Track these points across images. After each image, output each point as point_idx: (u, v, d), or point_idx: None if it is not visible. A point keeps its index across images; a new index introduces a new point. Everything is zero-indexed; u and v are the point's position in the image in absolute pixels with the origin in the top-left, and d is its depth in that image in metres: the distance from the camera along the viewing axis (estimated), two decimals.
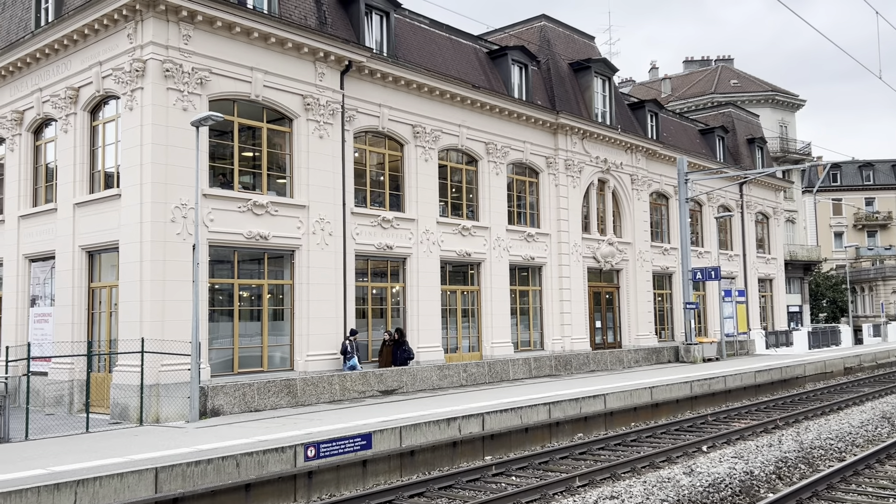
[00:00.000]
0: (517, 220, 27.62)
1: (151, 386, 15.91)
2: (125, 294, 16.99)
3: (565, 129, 28.87)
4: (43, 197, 20.59)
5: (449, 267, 24.93)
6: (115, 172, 18.11)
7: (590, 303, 30.13)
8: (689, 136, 39.36)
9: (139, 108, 17.13)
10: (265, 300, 19.49)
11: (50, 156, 20.45)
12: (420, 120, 23.62)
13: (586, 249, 29.92)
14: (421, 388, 20.13)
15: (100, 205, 18.21)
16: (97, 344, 18.22)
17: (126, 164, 17.37)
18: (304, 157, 20.05)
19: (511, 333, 26.55)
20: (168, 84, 17.17)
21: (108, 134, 18.57)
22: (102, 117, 18.80)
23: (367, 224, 21.94)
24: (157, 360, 16.04)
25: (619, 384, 20.72)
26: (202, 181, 17.27)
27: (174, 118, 17.21)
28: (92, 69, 18.43)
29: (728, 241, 40.53)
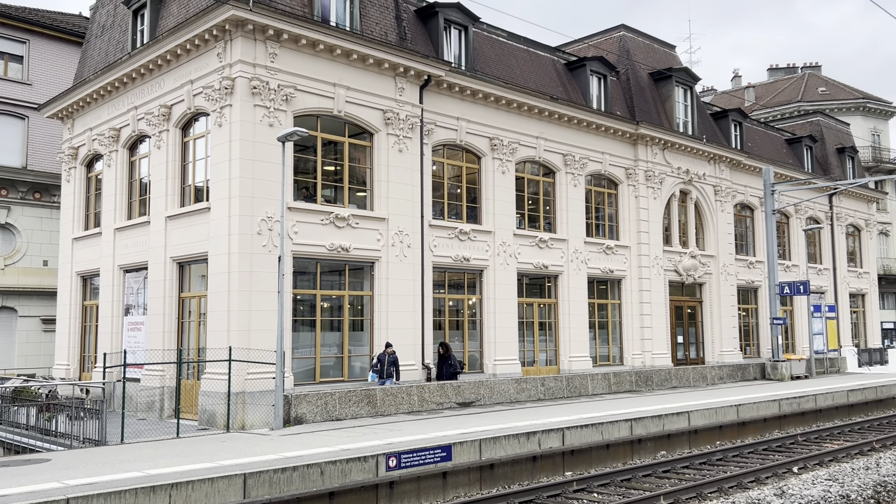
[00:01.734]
0: (595, 233, 27.39)
1: (237, 394, 16.24)
2: (213, 304, 17.46)
3: (645, 140, 28.52)
4: (137, 210, 21.39)
5: (525, 279, 24.87)
6: (205, 186, 18.70)
7: (671, 317, 29.60)
8: (775, 146, 38.25)
9: (228, 124, 17.63)
10: (346, 311, 19.73)
11: (144, 171, 21.22)
12: (497, 132, 23.68)
13: (667, 262, 29.47)
14: (498, 401, 20.05)
15: (190, 217, 18.79)
16: (187, 352, 18.74)
17: (215, 179, 17.89)
18: (384, 171, 20.30)
19: (589, 347, 26.33)
20: (255, 101, 17.63)
21: (199, 149, 19.19)
22: (193, 133, 19.44)
23: (445, 236, 22.07)
24: (243, 368, 16.37)
25: (703, 401, 20.22)
26: (287, 195, 17.60)
27: (261, 134, 17.64)
28: (183, 87, 19.10)
29: (817, 254, 39.19)
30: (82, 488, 9.30)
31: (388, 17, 21.03)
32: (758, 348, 34.50)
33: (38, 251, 27.61)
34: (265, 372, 16.60)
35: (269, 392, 16.28)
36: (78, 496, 8.85)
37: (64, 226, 24.45)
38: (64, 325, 23.73)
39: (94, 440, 14.28)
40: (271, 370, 16.32)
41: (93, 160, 23.79)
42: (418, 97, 21.19)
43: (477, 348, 23.23)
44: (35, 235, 27.58)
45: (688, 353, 30.62)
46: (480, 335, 23.13)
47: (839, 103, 53.31)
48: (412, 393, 18.27)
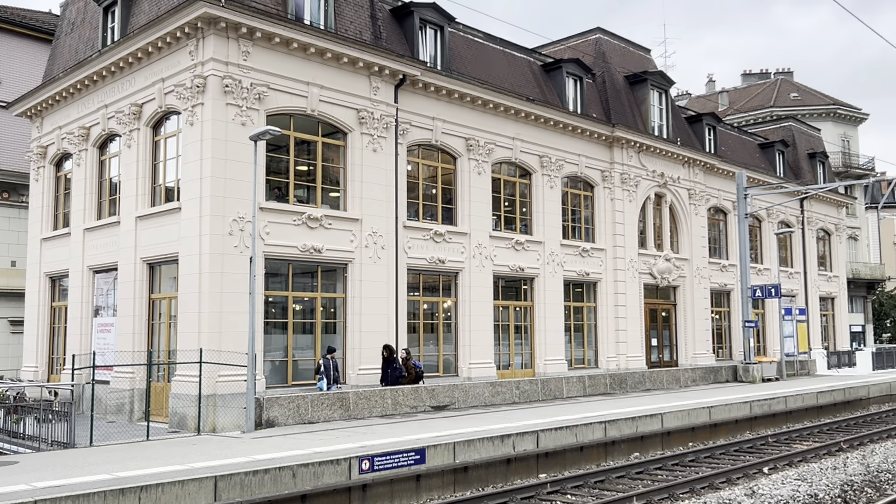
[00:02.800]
0: (572, 235, 27.52)
1: (208, 396, 16.18)
2: (184, 305, 17.34)
3: (621, 143, 28.72)
4: (107, 210, 21.16)
5: (501, 282, 24.92)
6: (176, 186, 18.56)
7: (646, 320, 29.84)
8: (748, 151, 38.70)
9: (199, 123, 17.53)
10: (318, 313, 19.71)
11: (114, 170, 21.01)
12: (473, 133, 23.72)
13: (642, 265, 29.65)
14: (473, 405, 20.07)
15: (161, 218, 18.65)
16: (157, 354, 18.61)
17: (186, 178, 17.79)
18: (358, 171, 20.26)
19: (565, 350, 26.43)
20: (227, 99, 17.53)
21: (170, 148, 19.04)
22: (164, 132, 19.29)
23: (420, 238, 22.06)
24: (214, 370, 16.28)
25: (677, 403, 20.39)
26: (259, 195, 17.58)
27: (233, 133, 17.54)
28: (155, 86, 18.92)
29: (788, 257, 39.65)
30: (50, 490, 9.20)
31: (362, 15, 21.00)
32: (730, 351, 34.85)
33: (6, 251, 27.19)
34: (237, 374, 16.51)
35: (240, 395, 16.19)
36: (46, 498, 8.76)
37: (32, 226, 24.11)
38: (32, 326, 23.39)
39: (62, 443, 14.10)
40: (243, 373, 16.22)
41: (62, 159, 23.49)
42: (393, 97, 21.18)
43: (452, 351, 23.23)
44: (3, 235, 27.17)
45: (662, 356, 30.80)
46: (455, 338, 23.16)
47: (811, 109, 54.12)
48: (386, 396, 18.22)
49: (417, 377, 19.87)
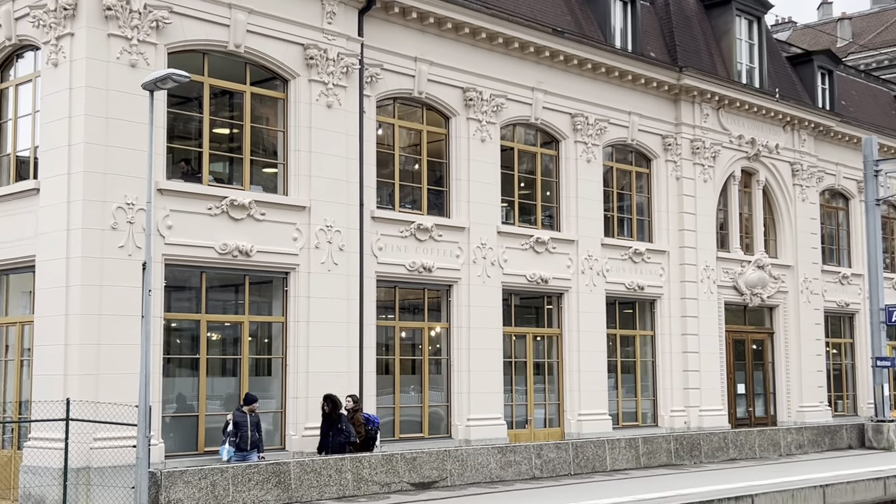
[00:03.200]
0: (618, 231, 27.47)
1: (80, 469, 15.94)
2: (43, 334, 17.25)
3: (692, 95, 28.62)
4: None
5: (515, 299, 24.90)
6: (31, 157, 18.47)
7: (729, 356, 29.62)
8: (881, 106, 38.86)
9: (68, 63, 17.33)
10: (245, 345, 19.56)
11: None
12: (475, 81, 23.63)
13: (723, 275, 29.56)
14: (473, 481, 19.94)
15: (8, 204, 18.54)
16: (1, 407, 18.47)
17: (47, 145, 17.66)
18: (305, 136, 20.25)
19: (608, 401, 26.36)
20: (110, 28, 17.41)
21: (22, 101, 18.95)
22: (14, 76, 19.21)
23: (396, 234, 22.11)
24: (88, 432, 16.09)
25: (775, 480, 20.38)
26: (157, 170, 17.41)
27: (118, 78, 17.38)
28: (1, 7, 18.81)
29: None
30: None
31: None
32: (854, 402, 34.99)
33: None
34: (122, 437, 16.40)
35: (127, 467, 15.95)
36: None
37: None
38: None
39: None
40: (131, 434, 15.90)
41: None
42: (357, 26, 21.18)
43: (442, 401, 23.19)
44: None
45: (752, 410, 30.72)
46: (447, 382, 23.12)
47: None
48: (344, 469, 18.08)
49: (370, 439, 19.88)
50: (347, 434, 19.12)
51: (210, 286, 19.35)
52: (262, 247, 19.46)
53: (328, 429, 19.21)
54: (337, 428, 19.05)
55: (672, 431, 26.85)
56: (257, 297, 20.34)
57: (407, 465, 19.08)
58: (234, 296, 20.20)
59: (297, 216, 20.09)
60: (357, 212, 21.06)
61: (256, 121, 20.19)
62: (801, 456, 26.98)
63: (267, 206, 19.61)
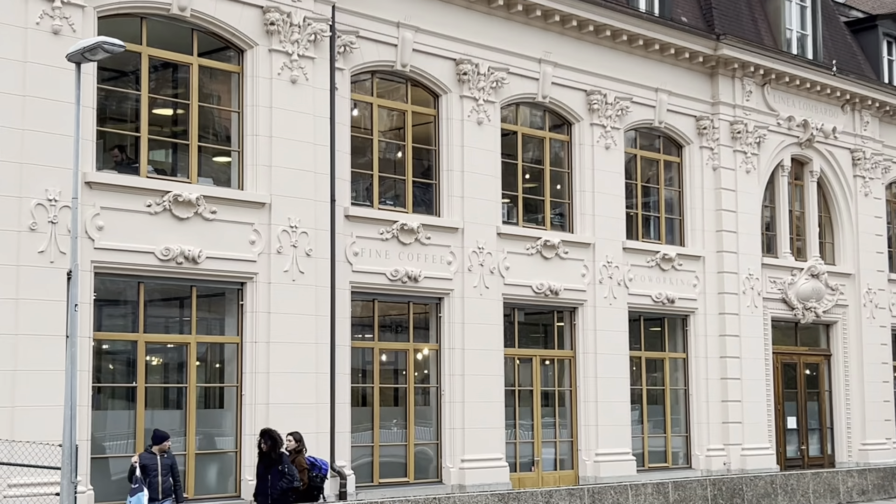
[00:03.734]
0: (643, 233, 26.86)
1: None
2: None
3: (732, 68, 27.90)
4: None
5: (519, 315, 24.41)
6: None
7: (777, 384, 29.08)
8: None
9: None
10: (192, 371, 19.06)
11: None
12: (469, 51, 22.98)
13: (770, 286, 28.95)
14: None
15: None
16: None
17: None
18: (264, 118, 19.85)
19: (631, 438, 25.76)
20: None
21: None
22: None
23: (375, 237, 21.60)
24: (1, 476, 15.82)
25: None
26: (85, 160, 17.07)
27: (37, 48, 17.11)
28: None
29: None
30: None
31: None
32: None
33: None
34: (43, 483, 16.07)
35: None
36: None
37: None
38: None
39: None
40: (54, 480, 15.42)
41: None
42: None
43: (431, 438, 22.65)
44: None
45: (805, 449, 30.26)
46: (437, 416, 22.57)
47: None
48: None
49: (314, 488, 18.82)
50: (291, 478, 17.90)
51: (150, 299, 18.96)
52: (213, 252, 18.96)
53: (265, 471, 18.07)
54: (277, 470, 17.80)
55: (709, 474, 26.39)
56: (207, 313, 19.91)
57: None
58: (178, 311, 19.78)
59: (254, 215, 19.58)
60: (328, 209, 20.59)
61: (205, 99, 19.80)
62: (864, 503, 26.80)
63: (218, 202, 19.10)
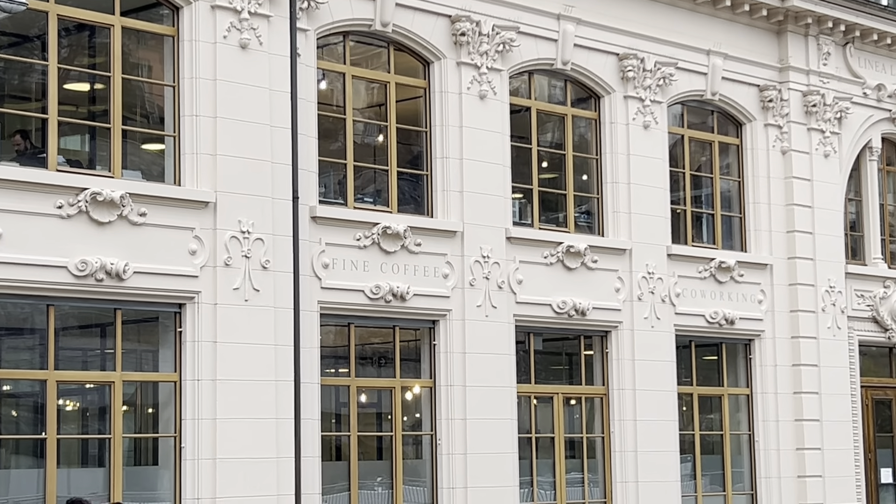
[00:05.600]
0: (693, 235, 25.84)
1: None
2: None
3: (804, 24, 26.90)
4: None
5: (537, 342, 23.37)
6: None
7: (867, 426, 28.11)
8: None
9: None
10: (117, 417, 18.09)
11: None
12: (469, 5, 21.91)
13: (857, 301, 27.92)
14: None
15: None
16: None
17: None
18: (207, 93, 18.97)
19: (681, 497, 24.81)
20: None
21: None
22: None
23: (350, 244, 20.50)
24: None
25: None
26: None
27: None
28: None
29: None
30: None
31: None
32: None
33: None
34: None
35: None
36: None
37: None
38: None
39: None
40: None
41: None
42: None
43: (425, 501, 21.68)
44: None
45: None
46: (433, 471, 21.48)
47: None
48: None
49: None
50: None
51: (62, 327, 17.99)
52: (142, 265, 17.96)
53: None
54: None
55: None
56: (136, 344, 18.92)
57: None
58: (99, 342, 18.92)
59: (195, 217, 18.65)
60: (289, 209, 19.60)
61: (131, 70, 18.84)
62: None
63: (148, 201, 18.15)
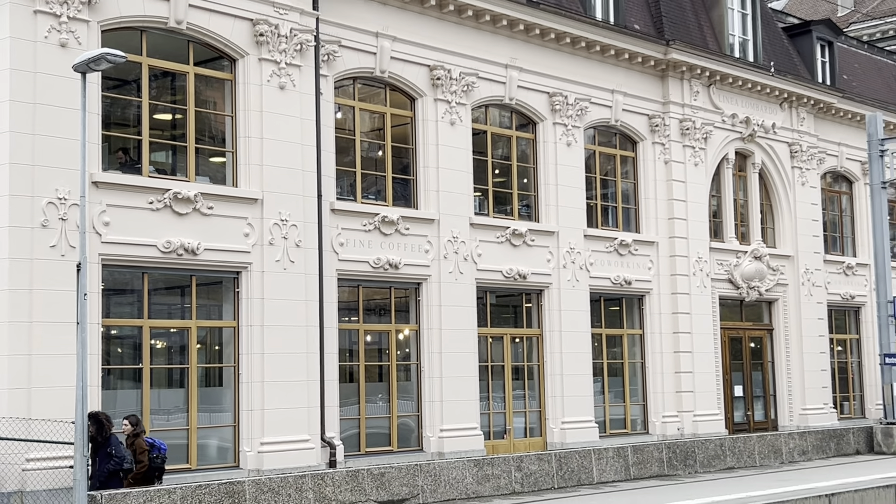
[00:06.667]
0: (602, 221, 27.78)
1: (12, 494, 15.92)
2: None
3: (681, 70, 28.95)
4: None
5: (491, 298, 25.17)
6: None
7: (725, 356, 29.96)
8: (886, 80, 39.15)
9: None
10: (192, 353, 19.65)
11: None
12: (443, 58, 23.79)
13: (717, 267, 29.93)
14: (447, 497, 19.96)
15: None
16: None
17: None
18: (255, 121, 20.45)
19: (594, 407, 26.59)
20: (36, 4, 17.38)
21: None
22: None
23: (358, 228, 22.33)
24: (20, 452, 16.01)
25: (777, 490, 20.46)
26: (92, 161, 17.42)
27: (46, 59, 17.44)
28: None
29: None
30: None
31: None
32: (861, 403, 35.26)
33: None
34: (58, 457, 16.31)
35: (64, 490, 15.93)
36: None
37: None
38: None
39: None
40: (68, 454, 15.74)
41: None
42: (311, 0, 21.32)
43: (412, 411, 23.36)
44: None
45: (751, 414, 31.05)
46: (418, 390, 23.26)
47: None
48: (305, 487, 18.04)
49: (155, 469, 17.71)
50: (119, 460, 16.87)
51: (153, 288, 19.39)
52: (211, 244, 19.53)
53: (93, 454, 16.77)
54: (105, 452, 16.78)
55: (664, 439, 27.09)
56: (206, 300, 20.39)
57: (374, 482, 19.09)
58: (179, 299, 20.25)
59: (248, 210, 20.17)
60: (315, 204, 21.18)
61: (201, 105, 20.29)
62: (805, 463, 27.16)
63: (215, 198, 19.69)
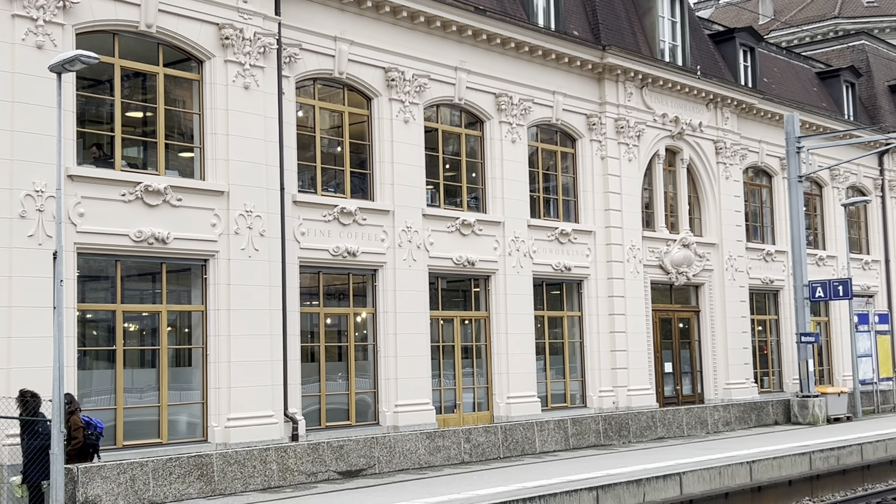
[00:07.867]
0: (544, 212, 27.95)
1: None
2: None
3: (615, 74, 29.16)
4: None
5: (442, 283, 25.34)
6: None
7: (656, 335, 30.30)
8: (803, 83, 39.60)
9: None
10: (163, 335, 19.77)
11: None
12: (397, 61, 23.90)
13: (649, 254, 30.20)
14: (401, 467, 20.20)
15: None
16: None
17: None
18: (222, 118, 20.49)
19: (537, 383, 26.81)
20: (14, 8, 17.38)
21: None
22: None
23: (318, 219, 22.37)
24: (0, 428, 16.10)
25: (702, 458, 20.89)
26: (67, 156, 17.43)
27: (24, 60, 17.45)
28: None
29: (862, 240, 40.54)
30: None
31: None
32: (779, 378, 35.67)
33: None
34: None
35: None
36: None
37: None
38: None
39: None
40: None
41: None
42: (273, 5, 21.28)
43: (369, 387, 23.47)
44: None
45: (680, 388, 31.41)
46: (374, 368, 23.36)
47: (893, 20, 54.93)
48: (269, 459, 18.21)
49: (89, 446, 16.81)
50: (45, 437, 15.67)
51: (126, 275, 19.47)
52: (180, 233, 19.62)
53: (22, 431, 16.13)
54: (33, 430, 15.90)
55: (601, 412, 27.42)
56: (175, 286, 20.44)
57: (334, 454, 19.27)
58: (151, 285, 20.31)
59: (215, 201, 20.23)
60: (278, 196, 21.26)
61: (171, 103, 20.33)
62: (729, 433, 27.67)
63: (183, 191, 19.77)
